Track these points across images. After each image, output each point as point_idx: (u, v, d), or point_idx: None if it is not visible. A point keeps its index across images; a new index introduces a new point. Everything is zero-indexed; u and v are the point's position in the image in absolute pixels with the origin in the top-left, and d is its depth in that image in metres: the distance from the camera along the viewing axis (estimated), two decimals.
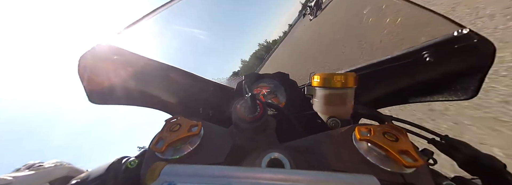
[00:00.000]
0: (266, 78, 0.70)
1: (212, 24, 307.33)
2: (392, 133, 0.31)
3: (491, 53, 0.37)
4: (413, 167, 0.27)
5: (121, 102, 0.59)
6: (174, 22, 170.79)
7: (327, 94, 0.47)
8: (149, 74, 0.59)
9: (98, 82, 0.51)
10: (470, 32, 0.36)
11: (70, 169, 0.48)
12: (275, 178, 0.20)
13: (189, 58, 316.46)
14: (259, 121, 0.35)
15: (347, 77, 0.44)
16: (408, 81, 0.54)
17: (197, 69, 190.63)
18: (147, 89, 0.63)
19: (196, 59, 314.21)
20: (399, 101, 0.60)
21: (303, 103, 0.61)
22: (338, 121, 0.46)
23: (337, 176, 0.20)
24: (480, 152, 0.37)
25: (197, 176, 0.21)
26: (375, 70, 0.54)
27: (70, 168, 0.49)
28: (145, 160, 0.34)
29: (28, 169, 0.42)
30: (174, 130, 0.34)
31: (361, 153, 0.30)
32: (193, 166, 0.22)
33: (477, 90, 0.43)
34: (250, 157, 0.34)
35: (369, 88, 0.58)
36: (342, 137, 0.33)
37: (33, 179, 0.39)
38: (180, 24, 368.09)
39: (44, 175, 0.42)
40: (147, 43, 0.56)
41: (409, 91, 0.56)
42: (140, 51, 0.55)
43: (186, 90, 0.71)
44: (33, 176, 0.40)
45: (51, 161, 0.49)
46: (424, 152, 0.37)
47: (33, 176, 0.40)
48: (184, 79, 0.68)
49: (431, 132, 0.45)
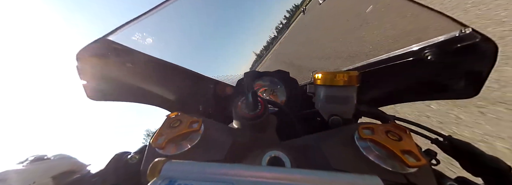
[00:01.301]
0: (266, 76, 0.70)
1: (212, 21, 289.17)
2: (395, 132, 0.30)
3: (494, 52, 0.37)
4: (416, 167, 0.26)
5: (119, 99, 0.59)
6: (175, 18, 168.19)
7: (329, 93, 0.47)
8: (148, 71, 0.59)
9: (96, 78, 0.50)
10: (473, 32, 0.35)
11: (73, 164, 0.49)
12: (278, 177, 0.20)
13: (189, 54, 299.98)
14: (260, 118, 0.35)
15: (350, 75, 0.43)
16: (410, 79, 0.54)
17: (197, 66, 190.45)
18: (146, 86, 0.63)
19: (197, 55, 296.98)
20: (400, 100, 0.60)
21: (303, 101, 0.61)
22: (340, 119, 0.45)
23: (340, 176, 0.20)
24: (485, 153, 0.36)
25: (199, 173, 0.21)
26: (377, 68, 0.54)
27: (73, 162, 0.49)
28: (146, 156, 0.34)
29: (32, 163, 0.42)
30: (175, 126, 0.34)
31: (363, 153, 0.29)
32: (194, 162, 0.22)
33: (479, 89, 0.43)
34: (251, 155, 0.34)
35: (371, 86, 0.57)
36: (344, 136, 0.33)
37: (36, 174, 0.40)
38: (181, 19, 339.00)
39: (47, 169, 0.42)
40: (146, 40, 0.55)
41: (411, 89, 0.56)
42: (139, 47, 0.54)
43: (185, 87, 0.71)
44: (37, 171, 0.40)
45: (55, 155, 0.50)
46: (427, 152, 0.37)
47: (37, 171, 0.40)
48: (183, 76, 0.68)
49: (435, 132, 0.45)
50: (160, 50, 0.65)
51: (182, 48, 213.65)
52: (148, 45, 0.56)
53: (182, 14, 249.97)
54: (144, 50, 0.55)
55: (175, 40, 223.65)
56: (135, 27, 0.50)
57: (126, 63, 0.51)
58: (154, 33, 0.55)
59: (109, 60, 0.49)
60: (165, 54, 0.60)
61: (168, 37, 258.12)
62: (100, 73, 0.50)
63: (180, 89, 0.70)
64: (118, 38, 0.48)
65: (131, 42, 0.52)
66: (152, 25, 0.54)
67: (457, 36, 0.37)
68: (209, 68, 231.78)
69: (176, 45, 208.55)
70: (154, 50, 0.55)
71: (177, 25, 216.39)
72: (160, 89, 0.68)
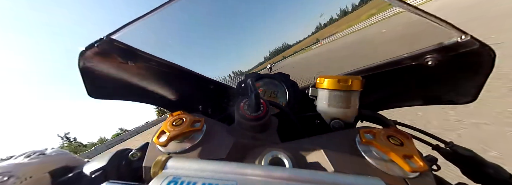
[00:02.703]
0: (266, 78, 0.70)
1: (216, 22, 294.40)
2: (397, 137, 0.30)
3: (491, 59, 0.37)
4: (417, 172, 0.26)
5: (120, 98, 0.59)
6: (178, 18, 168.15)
7: (332, 96, 0.47)
8: (150, 71, 0.59)
9: (98, 77, 0.51)
10: (472, 39, 0.36)
11: (70, 159, 0.48)
12: (281, 176, 0.20)
13: (192, 55, 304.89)
14: (262, 119, 0.35)
15: (353, 80, 0.44)
16: (409, 84, 0.54)
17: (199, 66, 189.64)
18: (148, 85, 0.64)
19: (199, 56, 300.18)
20: (399, 104, 0.60)
21: (303, 104, 0.61)
22: (342, 123, 0.45)
23: (343, 178, 0.20)
24: (485, 160, 0.36)
25: (202, 171, 0.21)
26: (378, 72, 0.54)
27: (70, 158, 0.49)
28: (148, 153, 0.34)
29: (29, 158, 0.41)
30: (177, 125, 0.34)
31: (364, 156, 0.29)
32: (197, 160, 0.22)
33: (476, 95, 0.43)
34: (252, 155, 0.34)
35: (371, 90, 0.58)
36: (345, 140, 0.33)
37: (33, 170, 0.39)
38: (185, 20, 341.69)
39: (44, 164, 0.41)
40: (149, 39, 0.56)
41: (410, 94, 0.56)
42: (142, 47, 0.54)
43: (186, 87, 0.72)
44: (33, 166, 0.40)
45: (51, 150, 0.49)
46: (428, 158, 0.37)
47: (33, 166, 0.40)
48: (185, 77, 0.68)
49: (436, 138, 0.45)
50: (163, 49, 0.66)
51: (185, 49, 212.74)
52: (151, 44, 0.56)
53: (186, 14, 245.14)
54: (147, 50, 0.55)
55: (178, 40, 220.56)
56: (139, 27, 0.50)
57: (128, 62, 0.52)
58: (158, 32, 0.55)
59: (112, 59, 0.50)
60: (168, 54, 0.61)
61: (171, 37, 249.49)
62: (102, 71, 0.51)
63: (181, 89, 0.71)
64: (121, 37, 0.49)
65: (135, 41, 0.52)
66: (156, 25, 0.55)
67: (455, 42, 0.38)
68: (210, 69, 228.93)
69: (179, 45, 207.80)
70: (157, 50, 0.56)
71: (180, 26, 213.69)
72: (162, 89, 0.68)
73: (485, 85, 0.41)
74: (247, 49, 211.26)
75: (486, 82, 0.41)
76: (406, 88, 0.55)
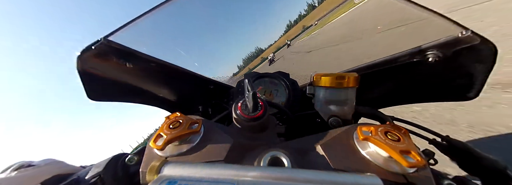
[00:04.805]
0: (266, 77, 0.70)
1: (213, 22, 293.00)
2: (394, 133, 0.30)
3: (493, 54, 0.37)
4: (415, 167, 0.26)
5: (119, 99, 0.59)
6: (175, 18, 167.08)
7: (329, 94, 0.47)
8: (148, 71, 0.59)
9: (97, 79, 0.50)
10: (473, 34, 0.35)
11: (62, 167, 0.46)
12: (279, 177, 0.19)
13: (190, 55, 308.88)
14: (260, 119, 0.35)
15: (349, 77, 0.44)
16: (409, 81, 0.54)
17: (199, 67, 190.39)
18: (146, 86, 0.63)
19: (197, 56, 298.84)
20: (400, 101, 0.60)
21: (303, 102, 0.61)
22: (340, 120, 0.45)
23: (341, 176, 0.20)
24: (481, 153, 0.37)
25: (199, 174, 0.20)
26: (377, 70, 0.54)
27: (62, 166, 0.47)
28: (145, 157, 0.33)
29: (16, 171, 0.39)
30: (174, 127, 0.34)
31: (362, 153, 0.29)
32: (194, 163, 0.22)
33: (479, 91, 0.43)
34: (251, 156, 0.33)
35: (371, 87, 0.58)
36: (343, 137, 0.33)
37: (24, 182, 0.37)
38: (182, 20, 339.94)
39: (35, 175, 0.39)
40: (146, 40, 0.55)
41: (410, 91, 0.56)
42: (140, 48, 0.54)
43: (185, 88, 0.71)
44: (24, 179, 0.38)
45: (40, 160, 0.47)
46: (425, 153, 0.37)
47: (25, 178, 0.38)
48: (183, 77, 0.67)
49: (433, 133, 0.45)
50: (160, 50, 0.65)
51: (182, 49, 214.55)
52: (149, 45, 0.56)
53: (183, 14, 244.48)
54: (145, 51, 0.55)
55: (175, 41, 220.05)
56: (135, 28, 0.50)
57: (126, 63, 0.51)
58: (155, 33, 0.55)
59: (109, 60, 0.49)
60: (166, 55, 0.60)
61: (168, 38, 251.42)
62: (100, 73, 0.50)
63: (180, 90, 0.70)
64: (119, 39, 0.48)
65: (132, 42, 0.51)
66: (153, 26, 0.54)
67: (457, 38, 0.37)
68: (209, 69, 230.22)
69: (176, 46, 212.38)
70: (154, 51, 0.55)
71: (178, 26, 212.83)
72: (160, 90, 0.67)
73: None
74: (247, 46, 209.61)
75: (488, 78, 0.40)
76: (406, 85, 0.55)
